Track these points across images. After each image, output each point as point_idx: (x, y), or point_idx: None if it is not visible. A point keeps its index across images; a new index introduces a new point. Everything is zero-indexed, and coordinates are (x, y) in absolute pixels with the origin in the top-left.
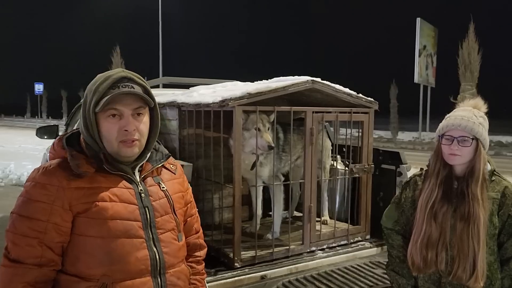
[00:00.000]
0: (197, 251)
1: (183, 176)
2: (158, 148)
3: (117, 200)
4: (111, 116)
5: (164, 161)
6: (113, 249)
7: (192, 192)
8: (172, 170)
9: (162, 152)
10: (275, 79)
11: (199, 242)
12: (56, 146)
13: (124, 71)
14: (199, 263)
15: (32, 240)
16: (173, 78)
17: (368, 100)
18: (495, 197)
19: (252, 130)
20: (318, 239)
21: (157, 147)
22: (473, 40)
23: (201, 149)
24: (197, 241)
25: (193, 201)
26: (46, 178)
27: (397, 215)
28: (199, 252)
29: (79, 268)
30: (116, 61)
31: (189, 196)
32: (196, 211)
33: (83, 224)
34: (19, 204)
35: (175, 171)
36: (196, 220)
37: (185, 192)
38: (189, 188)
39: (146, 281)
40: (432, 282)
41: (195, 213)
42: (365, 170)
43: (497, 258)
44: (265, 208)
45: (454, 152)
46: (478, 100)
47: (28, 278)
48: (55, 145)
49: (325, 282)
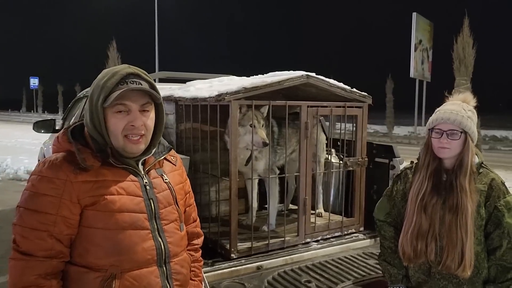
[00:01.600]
0: (194, 239)
1: (182, 167)
2: (160, 141)
3: (124, 193)
4: (119, 112)
5: (166, 153)
6: (121, 240)
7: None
8: (173, 162)
9: (164, 144)
10: (270, 74)
11: (197, 231)
12: (61, 139)
13: (131, 67)
14: (196, 251)
15: (41, 233)
16: (169, 73)
17: (362, 95)
18: (482, 189)
19: (247, 126)
20: (312, 231)
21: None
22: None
23: (198, 143)
24: (194, 230)
25: (191, 191)
26: (53, 172)
27: (389, 207)
28: (197, 240)
29: (88, 259)
30: (113, 55)
31: (187, 187)
32: (193, 200)
33: (91, 217)
34: (25, 197)
35: (176, 162)
36: (194, 210)
37: (184, 182)
38: (187, 179)
39: (152, 270)
40: (422, 272)
41: (192, 202)
42: (359, 163)
43: (484, 248)
44: (261, 201)
45: (444, 145)
46: (468, 94)
47: (40, 270)
48: (59, 138)
49: (320, 272)
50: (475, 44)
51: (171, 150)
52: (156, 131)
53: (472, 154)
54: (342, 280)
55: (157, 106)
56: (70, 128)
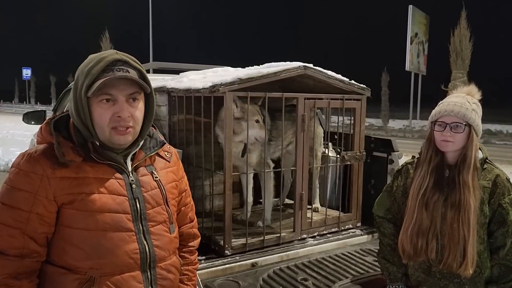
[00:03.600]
0: (190, 241)
1: (178, 163)
2: (153, 135)
3: (105, 192)
4: (104, 101)
5: (158, 149)
6: (101, 242)
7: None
8: (167, 158)
9: (157, 139)
10: (266, 64)
11: (193, 232)
12: (43, 131)
13: (118, 53)
14: (192, 253)
15: (13, 230)
16: (163, 63)
17: (360, 87)
18: (486, 185)
19: (251, 122)
20: (309, 227)
21: (152, 133)
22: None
23: (191, 136)
24: (191, 231)
25: (188, 190)
26: (30, 166)
27: (389, 203)
28: (193, 242)
29: (66, 260)
30: (105, 45)
31: (184, 185)
32: (191, 199)
33: (69, 216)
34: (2, 191)
35: (170, 158)
36: (191, 209)
37: (179, 180)
38: (184, 176)
39: (135, 275)
40: (422, 271)
41: (190, 201)
42: (356, 157)
43: (487, 247)
44: (256, 195)
45: (447, 139)
46: (472, 87)
47: (9, 270)
48: (42, 129)
49: (316, 269)
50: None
51: (166, 145)
52: (145, 122)
53: (476, 149)
54: (340, 278)
55: (147, 96)
56: (55, 119)
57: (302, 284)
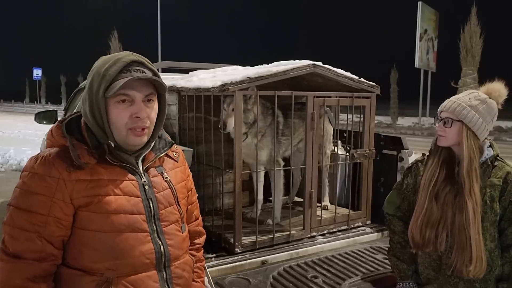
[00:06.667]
0: (196, 238)
1: (184, 163)
2: (161, 135)
3: (120, 193)
4: (121, 102)
5: (168, 149)
6: (117, 244)
7: (192, 178)
8: (175, 158)
9: (165, 139)
10: (275, 63)
11: (199, 229)
12: (55, 133)
13: (134, 54)
14: (198, 250)
15: (31, 234)
16: (172, 63)
17: (370, 85)
18: (496, 183)
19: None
20: (318, 225)
21: (160, 134)
22: (475, 24)
23: (201, 134)
24: (197, 228)
25: (193, 188)
26: (46, 169)
27: (399, 201)
28: (199, 239)
29: (82, 262)
30: (114, 45)
31: (190, 183)
32: (196, 197)
33: (85, 218)
34: (16, 195)
35: (177, 158)
36: (196, 207)
37: (186, 179)
38: (189, 174)
39: (151, 275)
40: (432, 268)
41: (195, 200)
42: (366, 155)
43: (497, 245)
44: (266, 193)
45: (439, 133)
46: (493, 84)
47: (28, 274)
48: (53, 131)
49: (326, 267)
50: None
51: (173, 146)
52: (157, 123)
53: (471, 147)
54: (350, 275)
55: (160, 96)
56: (66, 121)
57: (312, 282)
